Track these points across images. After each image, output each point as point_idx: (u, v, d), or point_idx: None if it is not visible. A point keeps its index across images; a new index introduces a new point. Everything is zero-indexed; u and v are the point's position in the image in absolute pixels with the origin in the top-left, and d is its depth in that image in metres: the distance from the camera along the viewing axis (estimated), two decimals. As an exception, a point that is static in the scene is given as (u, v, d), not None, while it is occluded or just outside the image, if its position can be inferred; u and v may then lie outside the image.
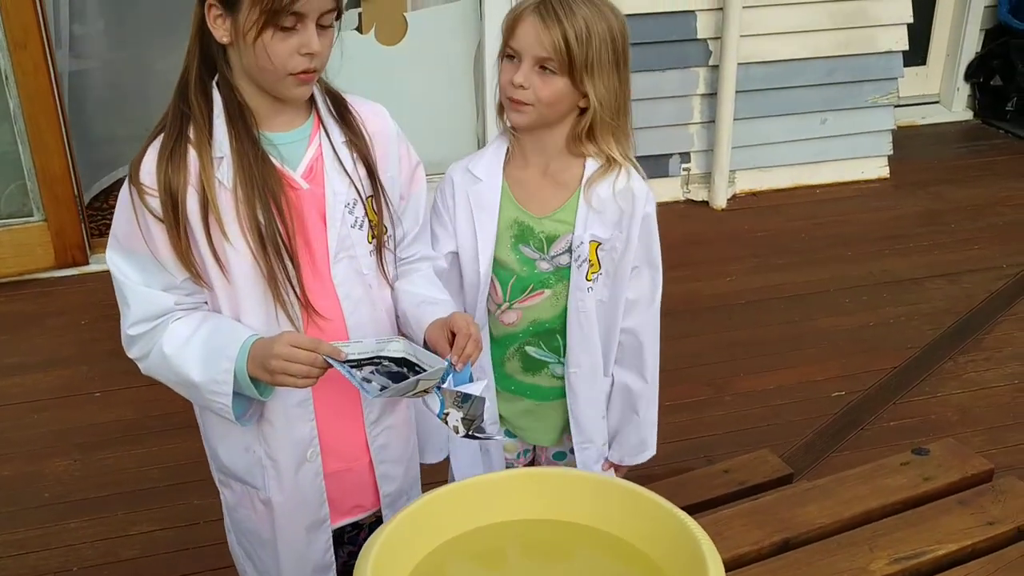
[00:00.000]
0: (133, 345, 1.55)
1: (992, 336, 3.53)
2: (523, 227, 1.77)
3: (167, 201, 1.45)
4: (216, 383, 1.48)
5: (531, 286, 1.79)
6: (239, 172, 1.46)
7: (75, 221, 3.86)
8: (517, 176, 1.79)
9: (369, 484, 1.71)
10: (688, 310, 3.66)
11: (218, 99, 1.47)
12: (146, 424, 2.98)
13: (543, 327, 1.82)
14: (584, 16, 1.62)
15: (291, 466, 1.61)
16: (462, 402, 1.47)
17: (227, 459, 1.66)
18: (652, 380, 1.90)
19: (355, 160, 1.56)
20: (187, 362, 1.49)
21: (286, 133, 1.53)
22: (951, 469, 1.74)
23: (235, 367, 1.46)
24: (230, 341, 1.48)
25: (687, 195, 4.66)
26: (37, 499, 2.74)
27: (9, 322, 3.64)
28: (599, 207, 1.73)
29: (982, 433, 2.99)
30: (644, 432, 1.93)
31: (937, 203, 4.65)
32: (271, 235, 1.47)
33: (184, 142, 1.46)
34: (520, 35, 1.66)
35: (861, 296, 3.81)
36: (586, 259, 1.75)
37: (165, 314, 1.52)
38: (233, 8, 1.40)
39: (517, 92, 1.67)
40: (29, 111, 3.65)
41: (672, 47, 4.37)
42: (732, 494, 1.93)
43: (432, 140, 4.28)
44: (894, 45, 4.67)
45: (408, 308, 1.65)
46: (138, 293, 1.51)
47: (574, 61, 1.63)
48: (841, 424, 3.05)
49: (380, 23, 4.18)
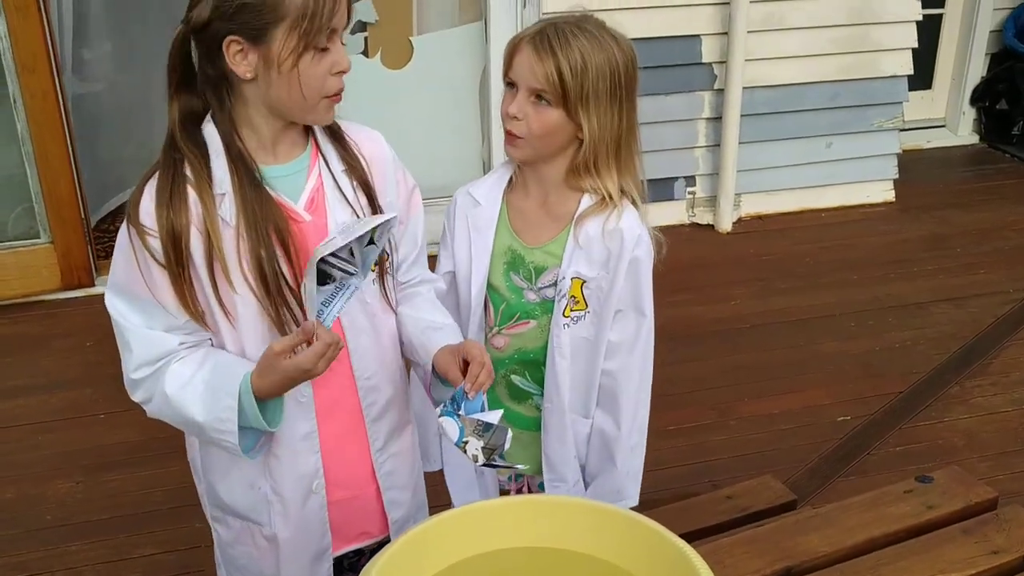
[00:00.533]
0: (137, 389, 1.53)
1: (999, 361, 3.51)
2: (515, 255, 1.78)
3: (168, 243, 1.42)
4: (220, 421, 1.46)
5: (517, 314, 1.79)
6: (242, 210, 1.44)
7: (81, 243, 3.88)
8: (517, 204, 1.79)
9: (376, 511, 1.69)
10: (692, 334, 3.65)
11: (215, 139, 1.45)
12: (150, 447, 2.97)
13: (528, 356, 1.81)
14: (581, 48, 1.61)
15: (297, 500, 1.60)
16: (483, 431, 1.45)
17: (228, 496, 1.63)
18: (627, 428, 1.83)
19: (355, 187, 1.54)
20: (189, 403, 1.47)
21: (285, 165, 1.51)
22: (955, 497, 1.73)
23: (240, 402, 1.44)
24: (230, 377, 1.46)
25: (692, 218, 4.66)
26: (39, 522, 2.73)
27: (15, 344, 3.64)
28: (585, 245, 1.71)
29: (989, 459, 2.97)
30: (620, 482, 1.87)
31: (943, 227, 4.64)
32: (274, 276, 1.45)
33: (182, 182, 1.43)
34: (517, 65, 1.66)
35: (867, 320, 3.80)
36: (566, 295, 1.73)
37: (168, 355, 1.49)
38: (262, 40, 1.37)
39: (512, 124, 1.67)
40: (37, 134, 3.68)
41: (677, 71, 4.38)
42: (735, 520, 1.91)
43: (437, 164, 4.30)
44: (899, 69, 4.68)
45: (413, 334, 1.64)
46: (140, 336, 1.48)
47: (568, 93, 1.62)
48: (846, 449, 3.04)
49: (386, 47, 4.20)
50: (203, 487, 1.68)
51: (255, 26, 1.36)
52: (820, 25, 4.49)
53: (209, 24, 1.37)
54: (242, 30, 1.36)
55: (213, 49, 1.40)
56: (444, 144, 4.34)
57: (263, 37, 1.37)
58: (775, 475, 2.48)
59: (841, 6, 4.49)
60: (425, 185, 5.01)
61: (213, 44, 1.39)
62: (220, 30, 1.37)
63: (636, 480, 1.90)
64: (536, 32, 1.64)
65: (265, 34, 1.36)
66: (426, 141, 4.29)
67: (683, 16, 4.32)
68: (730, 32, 4.30)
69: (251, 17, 1.35)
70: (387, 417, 1.66)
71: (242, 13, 1.35)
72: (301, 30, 1.36)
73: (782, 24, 4.45)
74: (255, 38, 1.37)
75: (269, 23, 1.36)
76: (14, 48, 3.54)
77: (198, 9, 1.38)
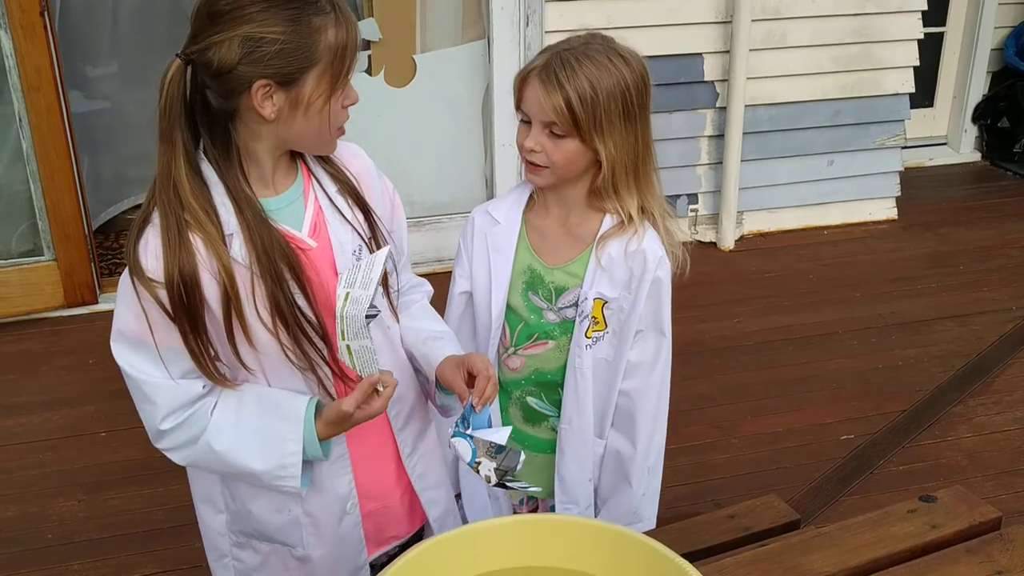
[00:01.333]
0: (164, 438, 1.47)
1: (1002, 379, 3.50)
2: (534, 274, 1.77)
3: (178, 293, 1.37)
4: (283, 467, 1.45)
5: (536, 335, 1.78)
6: (252, 249, 1.40)
7: (85, 260, 3.88)
8: (537, 223, 1.78)
9: (402, 515, 1.71)
10: (695, 351, 3.65)
11: (212, 176, 1.41)
12: (151, 465, 2.96)
13: (545, 378, 1.80)
14: (588, 75, 1.60)
15: (333, 522, 1.60)
16: (495, 452, 1.46)
17: (260, 519, 1.60)
18: (644, 449, 1.83)
19: (351, 206, 1.54)
20: (244, 455, 1.45)
21: (282, 196, 1.49)
22: (959, 517, 1.72)
23: (304, 446, 1.45)
24: (287, 419, 1.45)
25: (695, 236, 4.66)
26: (40, 540, 2.73)
27: (17, 361, 3.65)
28: (608, 266, 1.71)
29: (993, 478, 2.96)
30: (636, 503, 1.86)
31: (946, 245, 4.64)
32: (295, 317, 1.42)
33: (185, 228, 1.38)
34: (527, 99, 1.66)
35: (870, 338, 3.79)
36: (588, 316, 1.73)
37: (195, 400, 1.45)
38: (294, 84, 1.36)
39: (531, 155, 1.67)
40: (41, 152, 3.69)
41: (680, 89, 4.40)
42: (738, 540, 1.90)
43: (440, 182, 4.32)
44: (900, 87, 4.69)
45: (414, 345, 1.65)
46: (161, 387, 1.44)
47: (579, 123, 1.61)
48: (850, 468, 3.03)
49: (389, 65, 4.22)
50: (224, 517, 1.64)
51: (289, 71, 1.35)
52: (822, 43, 4.51)
53: (236, 67, 1.34)
54: (275, 75, 1.35)
55: (235, 90, 1.36)
56: (447, 162, 4.36)
57: (295, 82, 1.36)
58: (778, 494, 2.47)
59: (843, 24, 4.51)
60: (428, 202, 5.04)
61: (238, 86, 1.36)
62: (250, 74, 1.34)
63: (653, 502, 1.90)
64: (543, 65, 1.63)
65: (298, 79, 1.36)
66: (429, 159, 4.30)
67: (685, 34, 4.34)
68: (732, 50, 4.32)
69: (286, 63, 1.34)
70: (412, 423, 1.68)
71: (277, 59, 1.34)
72: (332, 73, 1.37)
73: (784, 42, 4.46)
74: (287, 83, 1.36)
75: (305, 68, 1.36)
76: (20, 66, 3.56)
77: (221, 50, 1.33)
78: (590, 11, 4.09)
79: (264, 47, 1.33)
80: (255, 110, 1.37)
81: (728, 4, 4.30)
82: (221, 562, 1.69)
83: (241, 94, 1.37)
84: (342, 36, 1.37)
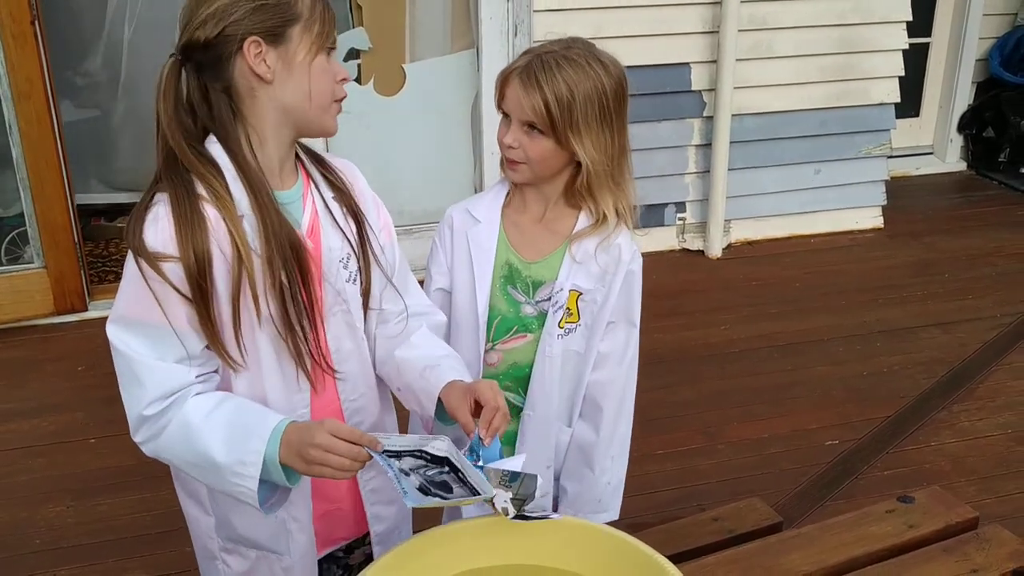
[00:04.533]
0: (143, 426, 1.44)
1: (985, 385, 3.54)
2: (512, 269, 1.81)
3: (193, 268, 1.37)
4: (243, 464, 1.37)
5: (515, 328, 1.82)
6: (263, 233, 1.41)
7: (75, 268, 3.89)
8: (514, 219, 1.82)
9: (351, 519, 1.71)
10: (682, 358, 3.67)
11: (224, 158, 1.42)
12: (140, 471, 2.97)
13: (521, 371, 1.83)
14: (567, 78, 1.65)
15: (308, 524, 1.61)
16: (510, 481, 1.35)
17: (246, 528, 1.59)
18: (607, 435, 1.85)
19: (345, 214, 1.56)
20: (209, 438, 1.39)
21: (288, 191, 1.51)
22: (936, 517, 1.75)
23: (266, 451, 1.37)
24: (260, 422, 1.39)
25: (682, 244, 4.69)
26: (28, 546, 2.73)
27: (7, 368, 3.65)
28: (583, 260, 1.76)
29: (975, 483, 2.99)
30: (599, 491, 1.89)
31: (931, 253, 4.68)
32: (293, 296, 1.44)
33: (197, 203, 1.39)
34: (507, 97, 1.71)
35: (855, 345, 3.82)
36: (563, 306, 1.77)
37: (183, 388, 1.43)
38: (281, 39, 1.41)
39: (509, 152, 1.72)
40: (31, 160, 3.70)
41: (667, 98, 4.44)
42: (721, 542, 1.92)
43: (429, 190, 4.35)
44: (886, 97, 4.74)
45: (412, 379, 1.59)
46: (153, 369, 1.41)
47: (556, 124, 1.66)
48: (835, 473, 3.05)
49: (379, 74, 4.24)
50: (212, 520, 1.63)
51: (273, 25, 1.40)
52: (808, 53, 4.56)
53: (224, 30, 1.38)
54: (262, 30, 1.39)
55: (223, 60, 1.40)
56: (437, 170, 4.38)
57: (282, 36, 1.41)
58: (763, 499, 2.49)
59: (829, 35, 4.56)
60: (418, 210, 5.04)
61: (228, 48, 1.40)
62: (238, 32, 1.38)
63: (617, 493, 1.92)
64: (524, 65, 1.68)
65: (284, 33, 1.41)
66: (419, 167, 4.32)
67: (673, 44, 4.38)
68: (719, 60, 4.36)
69: (268, 16, 1.40)
70: None
71: (260, 13, 1.39)
72: (314, 32, 1.43)
73: (770, 52, 4.50)
74: (274, 38, 1.41)
75: (287, 22, 1.41)
76: (10, 74, 3.57)
77: (208, 24, 1.39)
78: (578, 21, 4.13)
79: (245, 4, 1.39)
80: (252, 74, 1.41)
81: (715, 14, 4.34)
82: (212, 564, 1.69)
83: (234, 58, 1.40)
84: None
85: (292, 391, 1.52)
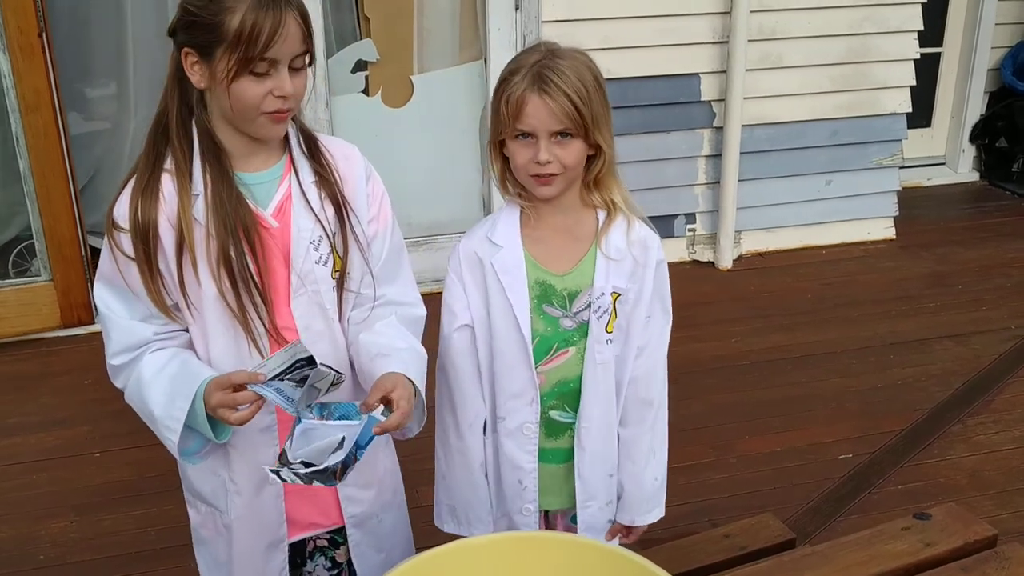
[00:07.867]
0: (118, 375, 1.64)
1: (1001, 398, 3.49)
2: (545, 286, 1.75)
3: (138, 237, 1.54)
4: (171, 419, 1.54)
5: (556, 345, 1.77)
6: (213, 211, 1.53)
7: (81, 281, 3.88)
8: (533, 236, 1.77)
9: (331, 504, 1.77)
10: (693, 371, 3.63)
11: (196, 139, 1.55)
12: (144, 486, 2.96)
13: (568, 387, 1.79)
14: (574, 72, 1.63)
15: (252, 489, 1.69)
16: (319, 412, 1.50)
17: (196, 481, 1.74)
18: (650, 430, 1.84)
19: (323, 199, 1.61)
20: (153, 393, 1.56)
21: (260, 173, 1.60)
22: (953, 534, 1.71)
23: (196, 408, 1.52)
24: (191, 379, 1.54)
25: (693, 255, 4.66)
26: (32, 561, 2.71)
27: (13, 382, 3.64)
28: (617, 256, 1.73)
29: (992, 497, 2.94)
30: (647, 489, 1.87)
31: (944, 264, 4.64)
32: (241, 271, 1.54)
33: (158, 179, 1.54)
34: (530, 115, 1.64)
35: (868, 357, 3.78)
36: (607, 310, 1.73)
37: (144, 344, 1.60)
38: (209, 56, 1.48)
39: (546, 167, 1.66)
40: (39, 173, 3.69)
41: (677, 109, 4.41)
42: (732, 559, 1.89)
43: (437, 202, 4.32)
44: (898, 107, 4.70)
45: (364, 363, 1.67)
46: (120, 325, 1.61)
47: (585, 120, 1.64)
48: (848, 487, 3.01)
49: (387, 86, 4.23)
50: (180, 471, 1.79)
51: (202, 42, 1.48)
52: (818, 63, 4.53)
53: (176, 33, 1.52)
54: (194, 44, 1.49)
55: (177, 55, 1.53)
56: (444, 182, 4.36)
57: (209, 53, 1.48)
58: (775, 514, 2.46)
59: (839, 44, 4.53)
60: (426, 222, 5.04)
61: (176, 51, 1.53)
62: (179, 40, 1.51)
63: (663, 489, 1.91)
64: (531, 81, 1.63)
65: (211, 51, 1.47)
66: (426, 179, 4.30)
67: (682, 54, 4.36)
68: (729, 70, 4.33)
69: (198, 33, 1.48)
70: None
71: (192, 28, 1.49)
72: (237, 55, 1.46)
73: (780, 62, 4.48)
74: (203, 53, 1.48)
75: (213, 41, 1.47)
76: (18, 87, 3.57)
77: (173, 19, 1.53)
78: (587, 31, 4.11)
79: (185, 17, 1.50)
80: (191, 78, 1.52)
81: (724, 24, 4.32)
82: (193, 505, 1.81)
83: (180, 60, 1.52)
84: (251, 20, 1.44)
85: (246, 361, 1.59)
